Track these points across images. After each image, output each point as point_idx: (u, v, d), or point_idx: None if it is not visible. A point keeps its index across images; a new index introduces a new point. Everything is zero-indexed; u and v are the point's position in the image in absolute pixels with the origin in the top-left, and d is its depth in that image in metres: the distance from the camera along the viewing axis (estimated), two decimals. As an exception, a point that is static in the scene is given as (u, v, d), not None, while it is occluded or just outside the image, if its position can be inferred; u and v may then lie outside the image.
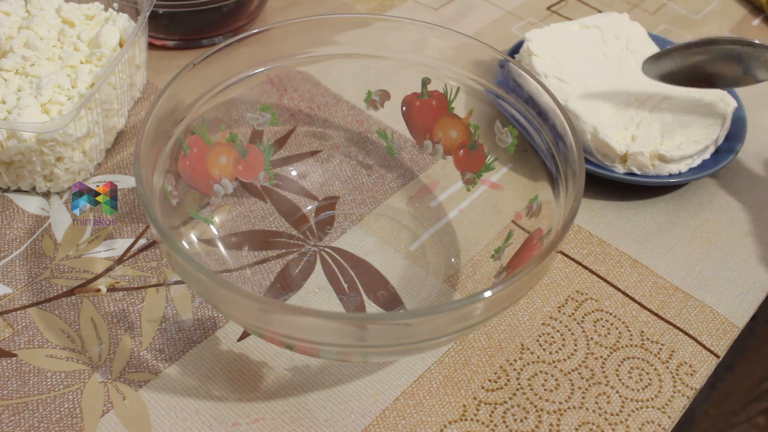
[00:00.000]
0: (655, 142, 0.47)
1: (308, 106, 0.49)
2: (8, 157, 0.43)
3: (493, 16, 0.65)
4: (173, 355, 0.39)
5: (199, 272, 0.30)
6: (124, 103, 0.49)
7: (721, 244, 0.46)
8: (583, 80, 0.51)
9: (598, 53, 0.53)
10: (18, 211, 0.45)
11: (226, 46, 0.39)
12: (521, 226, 0.40)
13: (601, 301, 0.43)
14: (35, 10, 0.49)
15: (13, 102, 0.44)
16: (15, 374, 0.37)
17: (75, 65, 0.46)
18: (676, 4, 0.69)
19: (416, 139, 0.46)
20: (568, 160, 0.36)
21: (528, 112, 0.40)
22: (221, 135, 0.42)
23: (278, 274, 0.42)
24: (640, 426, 0.37)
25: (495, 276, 0.40)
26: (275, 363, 0.39)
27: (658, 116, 0.49)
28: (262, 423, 0.36)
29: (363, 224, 0.45)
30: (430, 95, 0.44)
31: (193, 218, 0.41)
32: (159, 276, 0.42)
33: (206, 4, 0.55)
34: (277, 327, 0.31)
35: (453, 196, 0.45)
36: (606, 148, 0.47)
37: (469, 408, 0.37)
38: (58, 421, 0.36)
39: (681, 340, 0.41)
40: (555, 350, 0.40)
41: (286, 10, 0.63)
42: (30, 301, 0.41)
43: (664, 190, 0.50)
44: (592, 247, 0.46)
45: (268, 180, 0.45)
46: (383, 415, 0.37)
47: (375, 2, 0.66)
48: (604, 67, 0.52)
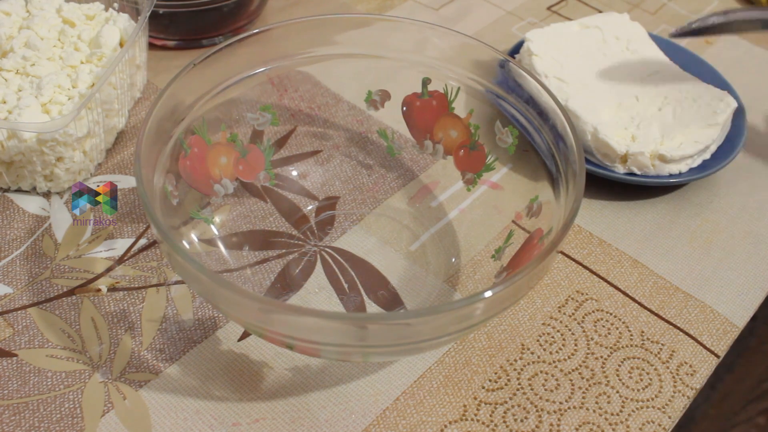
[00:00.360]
0: (656, 142, 0.47)
1: (308, 106, 0.49)
2: (9, 157, 0.43)
3: (493, 16, 0.65)
4: (174, 355, 0.39)
5: (199, 272, 0.30)
6: (124, 103, 0.49)
7: (721, 244, 0.46)
8: (583, 80, 0.51)
9: (598, 53, 0.53)
10: (18, 211, 0.45)
11: (226, 46, 0.39)
12: (521, 226, 0.40)
13: (602, 301, 0.43)
14: (36, 10, 0.49)
15: (13, 102, 0.44)
16: (15, 374, 0.37)
17: (75, 65, 0.46)
18: (676, 4, 0.69)
19: (416, 139, 0.46)
20: (569, 160, 0.36)
21: (528, 112, 0.40)
22: (221, 135, 0.42)
23: (278, 274, 0.42)
24: (641, 426, 0.37)
25: (495, 276, 0.40)
26: (276, 363, 0.39)
27: (659, 116, 0.49)
28: (262, 423, 0.36)
29: (363, 224, 0.45)
30: (431, 95, 0.44)
31: (193, 218, 0.41)
32: (159, 276, 0.42)
33: (206, 4, 0.55)
34: (278, 327, 0.31)
35: (453, 196, 0.45)
36: (606, 148, 0.47)
37: (470, 408, 0.37)
38: (59, 421, 0.36)
39: (681, 340, 0.41)
40: (555, 350, 0.40)
41: (286, 10, 0.63)
42: (30, 301, 0.41)
43: (665, 190, 0.50)
44: (593, 247, 0.46)
45: (268, 180, 0.45)
46: (383, 415, 0.37)
47: (375, 2, 0.66)
48: (604, 67, 0.52)
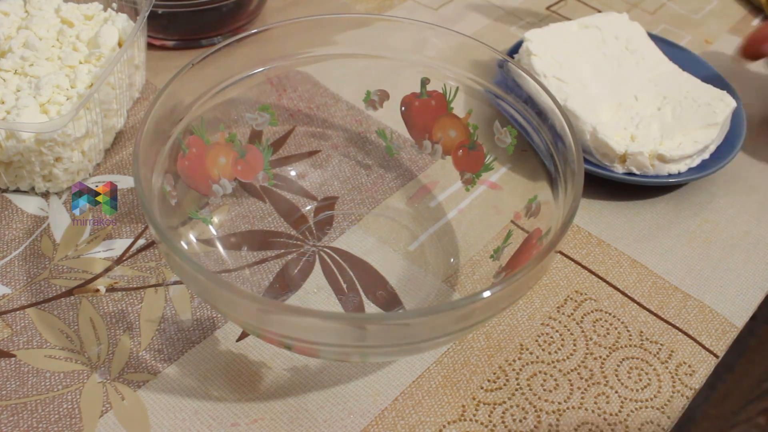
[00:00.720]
0: (655, 142, 0.47)
1: (307, 106, 0.49)
2: (7, 157, 0.43)
3: (492, 16, 0.65)
4: (172, 356, 0.39)
5: (197, 273, 0.30)
6: (123, 103, 0.49)
7: (721, 244, 0.46)
8: (583, 80, 0.51)
9: (597, 53, 0.53)
10: (17, 212, 0.45)
11: (225, 46, 0.39)
12: (520, 226, 0.40)
13: (600, 301, 0.43)
14: (34, 10, 0.49)
15: (12, 102, 0.44)
16: (14, 374, 0.37)
17: (74, 65, 0.46)
18: (675, 4, 0.69)
19: (415, 139, 0.46)
20: (567, 160, 0.36)
21: (527, 112, 0.40)
22: (220, 135, 0.42)
23: (277, 275, 0.42)
24: (639, 426, 0.37)
25: (494, 276, 0.40)
26: (274, 363, 0.39)
27: (658, 116, 0.49)
28: (261, 423, 0.36)
29: (362, 224, 0.45)
30: (429, 95, 0.44)
31: (192, 218, 0.41)
32: (158, 276, 0.42)
33: (205, 4, 0.55)
34: (276, 327, 0.31)
35: (452, 196, 0.45)
36: (605, 148, 0.47)
37: (468, 408, 0.37)
38: (57, 422, 0.36)
39: (680, 340, 0.41)
40: (554, 350, 0.40)
41: (285, 10, 0.63)
42: (29, 301, 0.40)
43: (663, 190, 0.50)
44: (591, 247, 0.46)
45: (267, 180, 0.45)
46: (382, 416, 0.37)
47: (374, 2, 0.66)
48: (603, 67, 0.52)
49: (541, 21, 0.65)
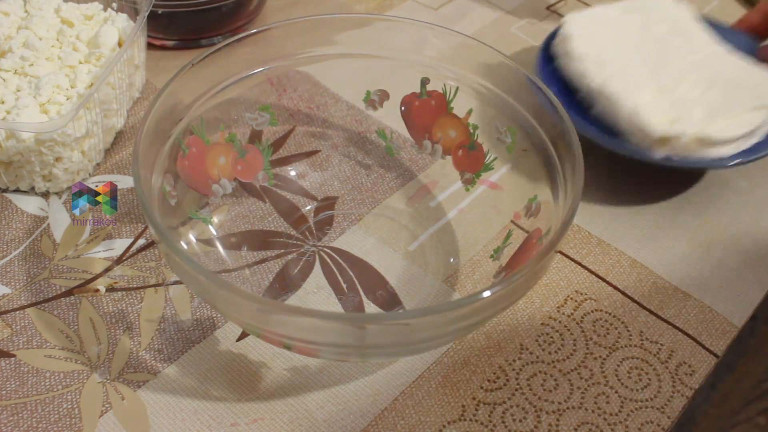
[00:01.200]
0: (699, 124, 0.45)
1: (307, 106, 0.49)
2: (7, 157, 0.43)
3: (492, 16, 0.65)
4: (172, 356, 0.39)
5: (197, 272, 0.30)
6: (123, 103, 0.49)
7: (721, 244, 0.46)
8: (624, 62, 0.49)
9: (640, 36, 0.52)
10: (17, 212, 0.45)
11: (225, 46, 0.39)
12: (520, 226, 0.40)
13: (600, 301, 0.43)
14: (34, 10, 0.49)
15: (11, 102, 0.44)
16: (13, 374, 0.37)
17: (74, 65, 0.46)
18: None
19: (415, 138, 0.46)
20: (568, 160, 0.36)
21: (527, 112, 0.40)
22: (220, 135, 0.42)
23: (277, 275, 0.42)
24: (639, 426, 0.37)
25: (494, 276, 0.40)
26: (274, 363, 0.39)
27: (702, 99, 0.47)
28: (260, 423, 0.36)
29: (362, 224, 0.45)
30: (429, 95, 0.44)
31: (191, 218, 0.41)
32: (158, 276, 0.42)
33: (205, 4, 0.55)
34: (276, 327, 0.31)
35: (452, 196, 0.45)
36: (643, 131, 0.45)
37: (468, 408, 0.37)
38: (57, 422, 0.36)
39: (680, 340, 0.41)
40: (554, 350, 0.40)
41: (285, 10, 0.63)
42: (29, 301, 0.40)
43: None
44: (592, 246, 0.46)
45: (267, 180, 0.45)
46: (382, 416, 0.37)
47: (374, 2, 0.66)
48: (646, 50, 0.51)
49: (541, 21, 0.65)
